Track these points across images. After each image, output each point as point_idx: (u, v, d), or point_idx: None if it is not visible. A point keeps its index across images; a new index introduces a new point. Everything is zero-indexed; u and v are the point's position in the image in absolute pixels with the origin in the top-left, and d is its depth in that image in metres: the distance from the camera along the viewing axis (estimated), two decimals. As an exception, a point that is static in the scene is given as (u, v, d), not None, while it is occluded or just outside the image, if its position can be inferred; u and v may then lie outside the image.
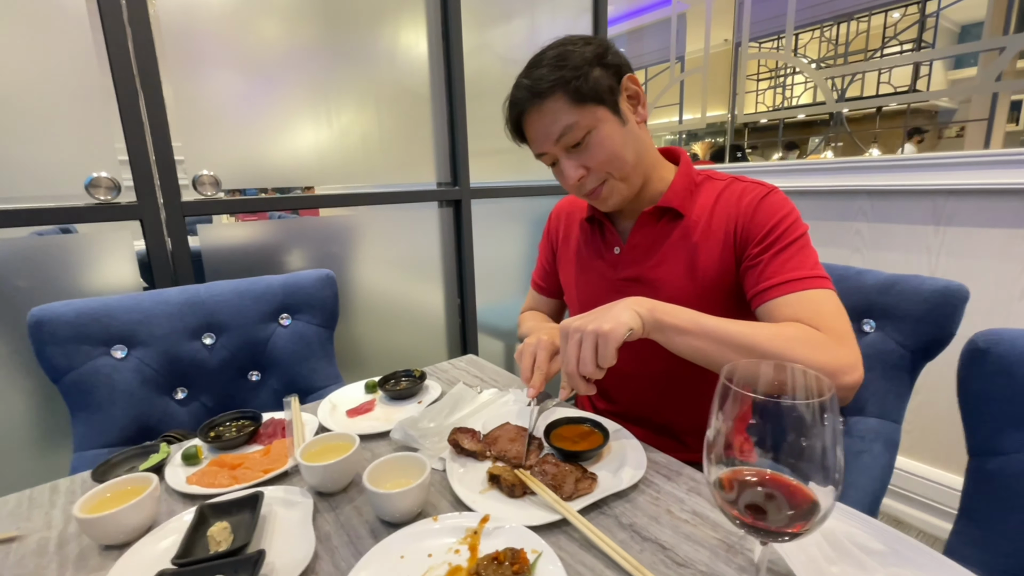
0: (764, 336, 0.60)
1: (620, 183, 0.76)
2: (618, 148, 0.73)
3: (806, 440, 0.36)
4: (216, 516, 0.55)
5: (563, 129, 0.71)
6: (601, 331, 0.58)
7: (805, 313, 0.63)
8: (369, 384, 0.90)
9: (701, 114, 2.45)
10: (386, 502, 0.53)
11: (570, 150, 0.73)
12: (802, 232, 0.71)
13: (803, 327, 0.62)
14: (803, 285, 0.65)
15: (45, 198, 1.05)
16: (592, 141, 0.72)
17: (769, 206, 0.72)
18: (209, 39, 1.18)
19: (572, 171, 0.74)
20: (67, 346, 0.87)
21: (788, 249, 0.68)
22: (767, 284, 0.68)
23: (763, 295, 0.68)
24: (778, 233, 0.69)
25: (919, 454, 1.56)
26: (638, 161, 0.76)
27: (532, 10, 1.72)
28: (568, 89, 0.70)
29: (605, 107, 0.72)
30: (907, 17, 4.07)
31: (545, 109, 0.71)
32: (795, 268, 0.67)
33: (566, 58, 0.70)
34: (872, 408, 0.85)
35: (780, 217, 0.70)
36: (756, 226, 0.71)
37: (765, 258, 0.69)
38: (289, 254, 1.37)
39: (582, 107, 0.70)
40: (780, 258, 0.68)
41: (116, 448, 0.90)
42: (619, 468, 0.62)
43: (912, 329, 0.81)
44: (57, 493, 0.65)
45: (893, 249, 1.53)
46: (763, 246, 0.70)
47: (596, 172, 0.74)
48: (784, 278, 0.66)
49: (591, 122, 0.71)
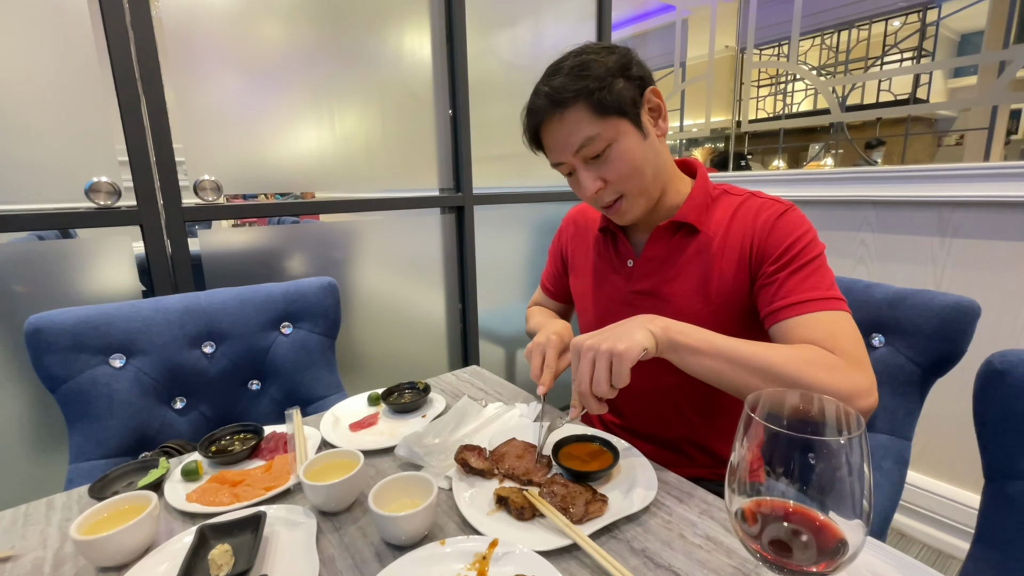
0: (779, 358, 0.59)
1: (638, 198, 0.74)
2: (638, 162, 0.71)
3: (836, 475, 0.34)
4: (217, 537, 0.53)
5: (584, 140, 0.69)
6: (616, 351, 0.56)
7: (820, 335, 0.62)
8: (372, 396, 0.88)
9: (705, 120, 2.44)
10: (392, 525, 0.52)
11: (589, 161, 0.72)
12: (819, 252, 0.69)
13: (818, 349, 0.61)
14: (819, 306, 0.64)
15: (45, 202, 1.03)
16: (612, 154, 0.70)
17: (786, 224, 0.70)
18: (212, 42, 1.16)
19: (590, 183, 0.72)
20: (65, 355, 0.86)
21: (804, 268, 0.67)
22: (782, 303, 0.66)
23: (777, 314, 0.67)
24: (795, 252, 0.68)
25: (924, 467, 1.55)
26: (656, 176, 0.74)
27: (536, 15, 1.71)
28: (591, 100, 0.68)
29: (627, 120, 0.70)
30: (907, 26, 4.09)
31: (566, 119, 0.70)
32: (811, 288, 0.66)
33: (588, 67, 0.68)
34: (882, 424, 0.84)
35: (797, 236, 0.69)
36: (772, 244, 0.70)
37: (781, 277, 0.68)
38: (289, 259, 1.36)
39: (604, 119, 0.69)
40: (796, 277, 0.67)
41: (114, 459, 0.88)
42: (630, 489, 0.60)
43: (923, 345, 0.80)
44: (53, 509, 0.63)
45: (899, 260, 1.52)
46: (779, 264, 0.68)
47: (614, 185, 0.73)
48: (800, 298, 0.65)
49: (612, 135, 0.69)
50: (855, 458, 0.34)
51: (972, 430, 0.67)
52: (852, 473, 0.34)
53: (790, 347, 0.62)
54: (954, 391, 0.84)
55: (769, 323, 0.68)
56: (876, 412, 0.84)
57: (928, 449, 1.53)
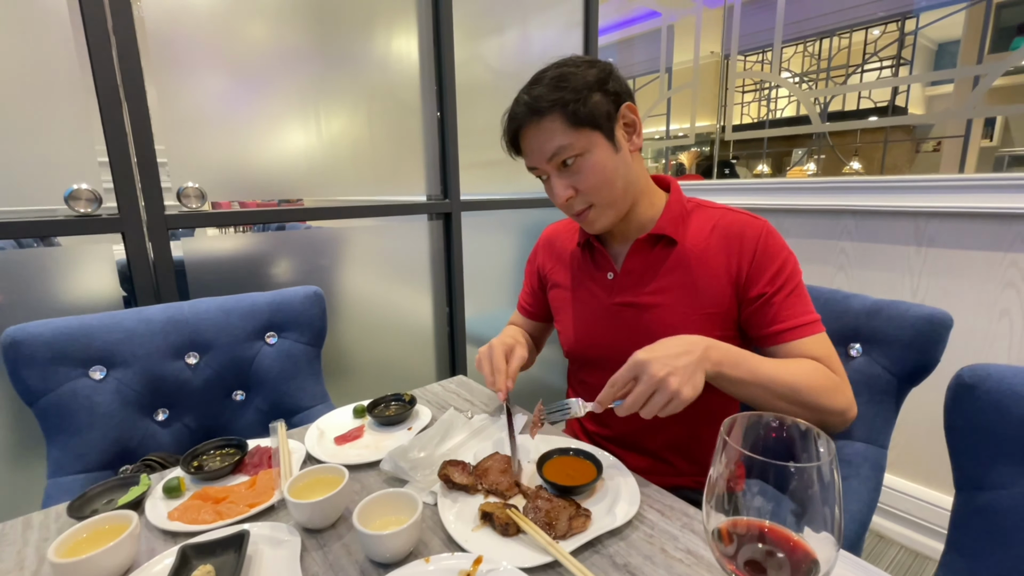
0: (803, 383, 0.67)
1: (607, 209, 0.77)
2: (608, 174, 0.74)
3: (808, 495, 0.35)
4: (199, 558, 0.53)
5: (556, 149, 0.73)
6: (681, 396, 0.58)
7: (817, 356, 0.71)
8: (358, 409, 0.88)
9: (691, 124, 2.47)
10: (377, 543, 0.52)
11: (561, 169, 0.75)
12: (799, 272, 0.77)
13: (826, 371, 0.69)
14: (810, 330, 0.73)
15: (24, 206, 1.01)
16: (584, 165, 0.73)
17: (772, 247, 0.75)
18: (195, 44, 1.15)
19: (561, 190, 0.76)
20: (43, 368, 0.84)
21: (794, 292, 0.74)
22: (781, 327, 0.73)
23: (777, 337, 0.73)
24: (785, 276, 0.74)
25: (901, 470, 1.59)
26: (627, 189, 0.77)
27: (524, 22, 1.72)
28: (566, 111, 0.71)
29: (600, 133, 0.73)
30: (887, 35, 4.18)
31: (542, 127, 0.73)
32: (802, 313, 0.73)
33: (568, 79, 0.71)
34: (859, 432, 0.86)
35: (783, 259, 0.75)
36: (762, 268, 0.75)
37: (776, 300, 0.74)
38: (274, 266, 1.35)
39: (578, 130, 0.72)
40: (789, 301, 0.73)
41: (93, 473, 0.87)
42: (613, 504, 0.61)
43: (899, 355, 0.82)
44: (31, 528, 0.62)
45: (877, 268, 1.56)
46: (773, 288, 0.74)
47: (584, 195, 0.76)
48: (795, 322, 0.73)
49: (585, 145, 0.72)
50: (827, 479, 0.35)
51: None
52: (825, 493, 0.35)
53: (807, 371, 0.69)
54: (930, 396, 0.87)
55: (768, 343, 0.75)
56: (854, 421, 0.87)
57: (905, 453, 1.56)
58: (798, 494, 0.35)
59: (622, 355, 0.82)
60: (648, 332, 0.79)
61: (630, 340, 0.80)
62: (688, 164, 5.28)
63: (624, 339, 0.81)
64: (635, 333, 0.81)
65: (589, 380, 0.91)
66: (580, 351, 0.90)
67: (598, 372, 0.87)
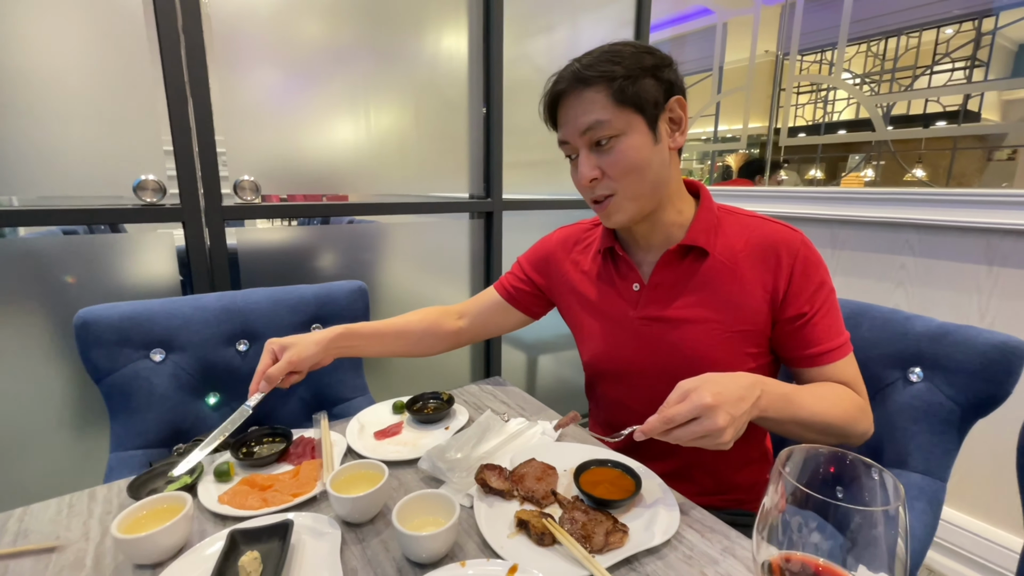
0: (835, 416, 0.67)
1: (629, 201, 0.72)
2: (641, 164, 0.70)
3: (869, 537, 0.34)
4: (247, 543, 0.55)
5: (592, 123, 0.69)
6: (723, 440, 0.55)
7: (847, 379, 0.72)
8: (397, 405, 0.90)
9: (743, 126, 2.39)
10: (415, 544, 0.53)
11: (593, 147, 0.71)
12: (834, 288, 0.75)
13: (855, 399, 0.70)
14: (843, 352, 0.72)
15: (95, 195, 1.08)
16: (617, 147, 0.69)
17: (810, 263, 0.72)
18: (255, 42, 1.19)
19: (587, 170, 0.71)
20: (110, 348, 0.90)
21: (831, 311, 0.73)
22: (816, 351, 0.72)
23: (811, 360, 0.73)
24: (824, 295, 0.72)
25: (960, 503, 1.49)
26: (656, 186, 0.72)
27: (574, 19, 1.71)
28: (613, 86, 0.67)
29: (643, 118, 0.69)
30: (961, 34, 3.90)
31: (584, 97, 0.69)
32: (836, 333, 0.73)
33: (622, 56, 0.68)
34: (916, 463, 0.81)
35: (821, 276, 0.73)
36: (800, 286, 0.72)
37: (816, 319, 0.72)
38: (318, 259, 1.39)
39: (620, 109, 0.68)
40: (825, 321, 0.72)
41: (151, 450, 0.92)
42: (651, 521, 0.60)
43: (964, 384, 0.77)
44: (95, 501, 0.66)
45: (941, 287, 1.46)
46: (813, 308, 0.72)
47: (610, 180, 0.71)
48: (829, 345, 0.72)
49: (623, 127, 0.68)
50: (894, 522, 0.33)
51: (1013, 467, 0.65)
52: (890, 537, 0.33)
53: (840, 402, 0.69)
54: (998, 426, 0.81)
55: (801, 365, 0.74)
56: (910, 449, 0.82)
57: (964, 485, 1.47)
58: (860, 535, 0.33)
59: (646, 371, 0.81)
60: (676, 350, 0.76)
61: (655, 356, 0.79)
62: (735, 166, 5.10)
63: (649, 355, 0.79)
64: (661, 350, 0.78)
65: (610, 394, 0.87)
66: (601, 364, 0.86)
67: (620, 386, 0.85)
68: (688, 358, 0.75)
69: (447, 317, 0.96)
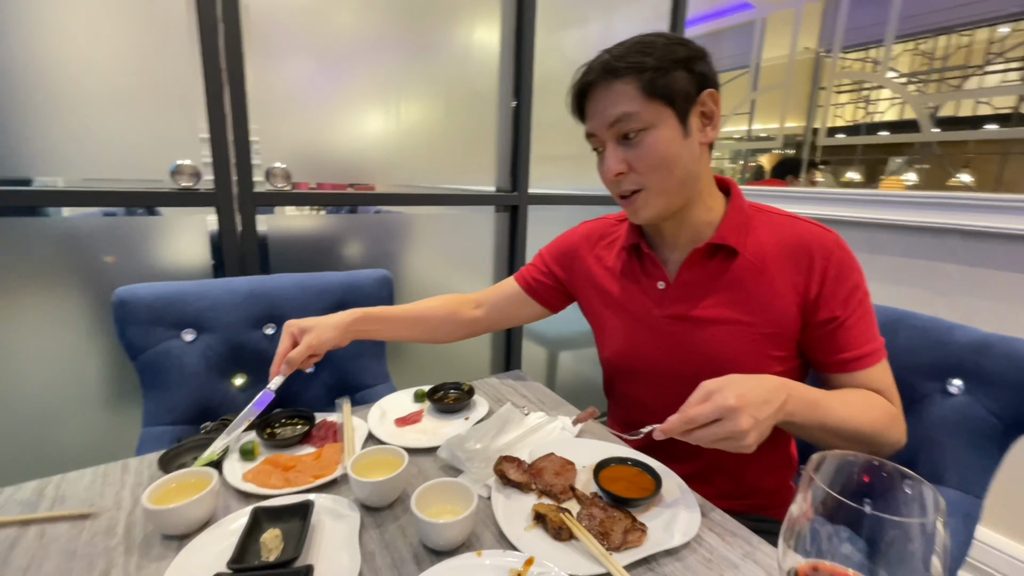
0: (869, 426, 0.65)
1: (658, 196, 0.70)
2: (669, 159, 0.68)
3: (904, 550, 0.32)
4: (269, 521, 0.57)
5: (621, 115, 0.67)
6: (746, 443, 0.54)
7: (881, 386, 0.70)
8: (418, 393, 0.91)
9: (779, 125, 2.32)
10: (432, 530, 0.53)
11: (621, 140, 0.69)
12: (868, 292, 0.72)
13: (888, 407, 0.68)
14: (876, 358, 0.70)
15: (134, 178, 1.12)
16: (646, 140, 0.67)
17: (845, 265, 0.70)
18: (290, 34, 1.21)
19: (614, 163, 0.69)
20: (145, 327, 0.93)
21: (865, 315, 0.70)
22: (849, 356, 0.70)
23: (843, 366, 0.70)
24: (858, 298, 0.70)
25: (995, 523, 1.43)
26: (685, 181, 0.70)
27: (609, 13, 1.68)
28: (643, 78, 0.65)
29: (673, 111, 0.67)
30: (1017, 33, 3.70)
31: (612, 89, 0.67)
32: (871, 338, 0.70)
33: (654, 47, 0.66)
34: (952, 478, 0.78)
35: (856, 279, 0.70)
36: (834, 288, 0.69)
37: (849, 323, 0.69)
38: (345, 247, 1.41)
39: (650, 101, 0.66)
40: (859, 326, 0.69)
41: (180, 426, 0.95)
42: (671, 521, 0.59)
43: (1009, 399, 0.73)
44: (128, 472, 0.69)
45: (986, 297, 1.39)
46: (847, 312, 0.69)
47: (637, 175, 0.69)
48: (863, 351, 0.69)
49: (652, 120, 0.66)
50: (932, 537, 0.31)
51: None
52: (927, 551, 0.32)
53: (871, 410, 0.67)
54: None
55: (833, 370, 0.71)
56: (945, 464, 0.79)
57: (1002, 504, 1.40)
58: (894, 548, 0.32)
59: (667, 371, 0.79)
60: (699, 350, 0.75)
61: (678, 357, 0.77)
62: (768, 166, 4.95)
63: (672, 355, 0.77)
64: (684, 350, 0.76)
65: (628, 392, 0.86)
66: (621, 362, 0.84)
67: (640, 385, 0.84)
68: (712, 359, 0.73)
69: (465, 305, 0.96)
